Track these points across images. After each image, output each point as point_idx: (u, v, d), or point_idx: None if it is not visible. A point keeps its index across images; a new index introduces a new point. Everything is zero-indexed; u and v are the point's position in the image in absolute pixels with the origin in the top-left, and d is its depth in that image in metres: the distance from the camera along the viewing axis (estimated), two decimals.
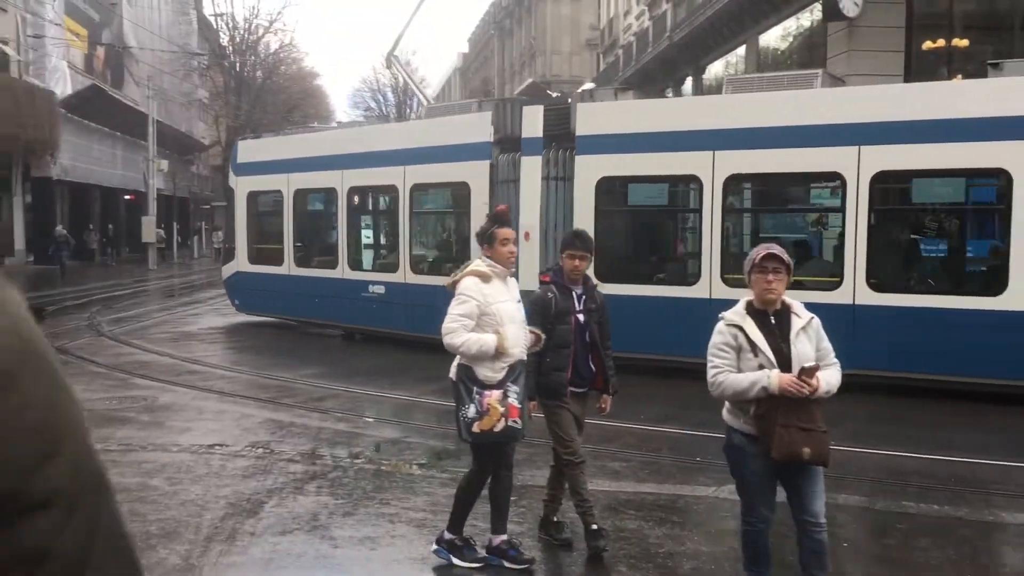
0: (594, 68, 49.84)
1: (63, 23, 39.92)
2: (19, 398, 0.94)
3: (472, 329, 4.88)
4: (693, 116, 11.92)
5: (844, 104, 10.73)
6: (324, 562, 5.09)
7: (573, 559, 5.27)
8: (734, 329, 4.23)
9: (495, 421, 4.79)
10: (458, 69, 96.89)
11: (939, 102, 10.26)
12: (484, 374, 4.87)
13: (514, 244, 5.09)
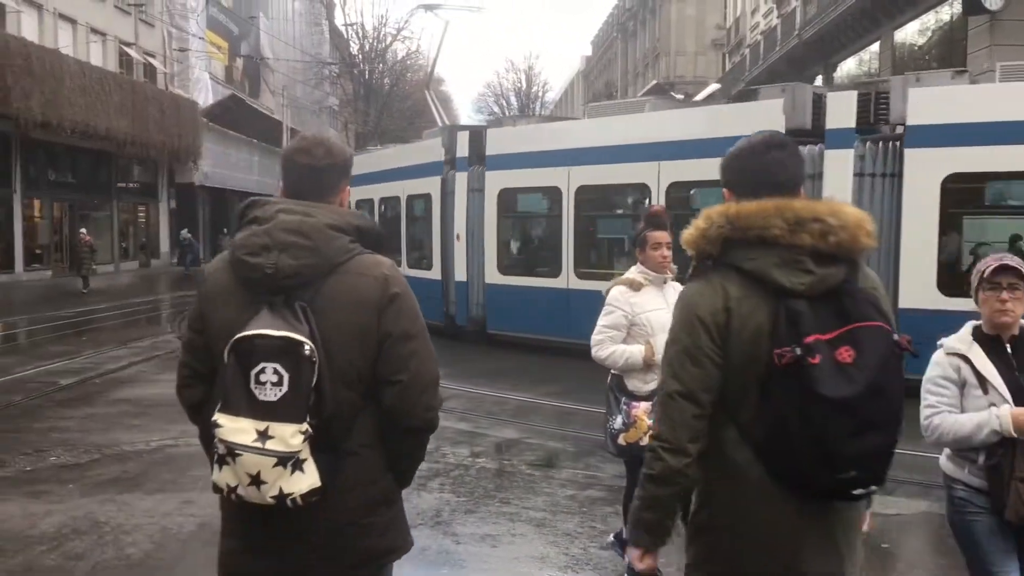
0: (719, 68, 49.03)
1: (205, 37, 41.99)
2: (412, 299, 2.46)
3: (624, 339, 4.73)
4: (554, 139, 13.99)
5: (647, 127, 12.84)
6: (447, 557, 5.22)
7: None
8: (956, 360, 3.43)
9: (641, 434, 4.53)
10: (581, 72, 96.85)
11: (705, 125, 11.82)
12: (634, 384, 4.72)
13: (668, 248, 4.73)
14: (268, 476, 2.26)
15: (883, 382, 2.17)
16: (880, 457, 2.23)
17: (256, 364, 2.26)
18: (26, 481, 6.79)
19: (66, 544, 5.32)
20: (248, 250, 2.40)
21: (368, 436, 2.47)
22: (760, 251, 2.26)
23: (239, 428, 2.26)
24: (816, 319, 2.19)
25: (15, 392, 10.53)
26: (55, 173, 31.37)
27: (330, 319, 2.36)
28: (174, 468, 7.16)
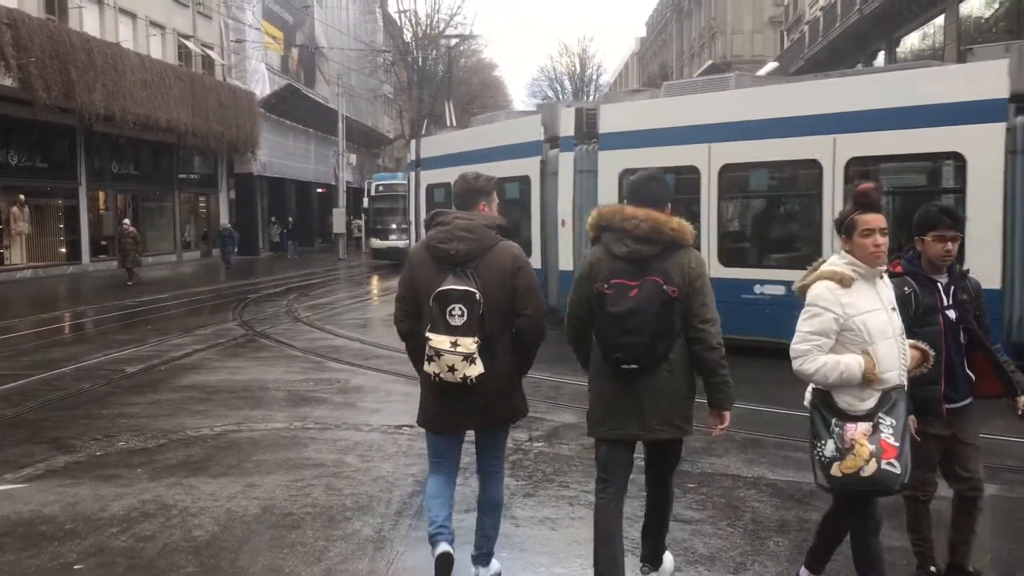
0: (777, 47, 48.15)
1: (261, 27, 42.46)
2: (530, 267, 4.23)
3: (832, 348, 3.92)
4: (693, 113, 12.69)
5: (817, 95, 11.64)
6: (506, 540, 5.23)
7: None
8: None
9: (862, 462, 3.76)
10: (635, 54, 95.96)
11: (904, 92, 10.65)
12: (847, 402, 3.88)
13: (882, 235, 3.91)
14: (458, 366, 4.12)
15: (643, 308, 3.97)
16: (633, 348, 4.02)
17: (449, 305, 4.11)
18: (97, 465, 6.97)
19: (136, 526, 5.44)
20: (438, 240, 4.25)
21: (507, 347, 4.34)
22: (607, 234, 4.19)
23: (441, 340, 4.12)
24: (626, 272, 4.05)
25: (84, 379, 10.81)
26: (118, 165, 32.09)
27: (486, 279, 4.21)
28: (237, 453, 7.29)
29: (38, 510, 5.78)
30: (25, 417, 8.83)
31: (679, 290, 4.00)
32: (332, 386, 10.26)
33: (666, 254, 4.03)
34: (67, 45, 25.29)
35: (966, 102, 10.10)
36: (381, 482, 6.35)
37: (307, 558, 4.92)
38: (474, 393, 4.19)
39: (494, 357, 4.23)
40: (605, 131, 13.48)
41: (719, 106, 12.52)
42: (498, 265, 4.22)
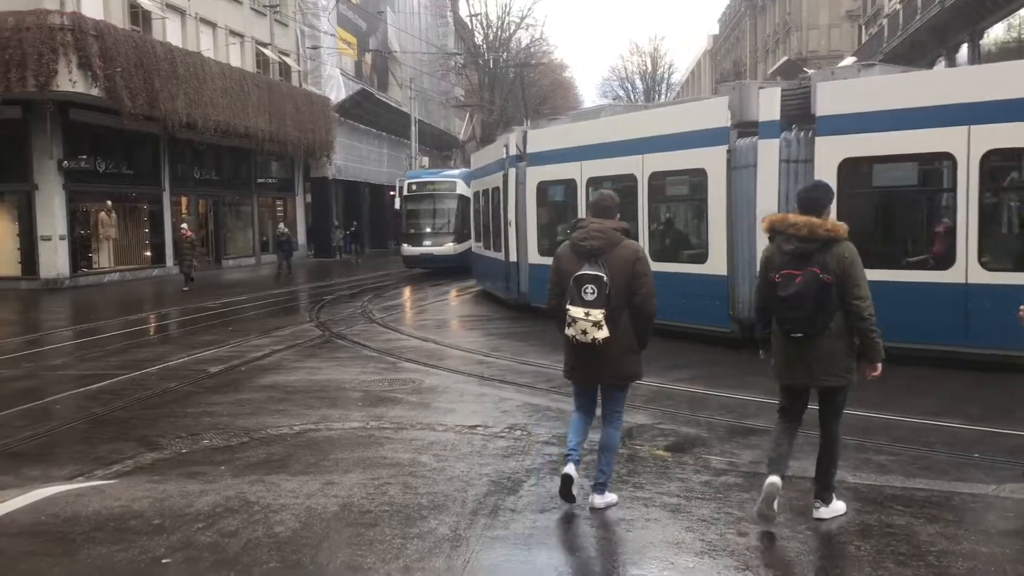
0: (855, 41, 47.09)
1: (336, 34, 43.17)
2: (646, 259, 5.66)
3: None
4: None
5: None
6: (581, 540, 5.24)
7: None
8: None
9: None
10: (708, 51, 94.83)
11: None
12: None
13: None
14: (589, 331, 5.46)
15: (804, 292, 5.13)
16: (797, 322, 5.24)
17: (583, 285, 5.48)
18: (183, 462, 7.19)
19: (220, 522, 5.60)
20: (579, 239, 5.66)
21: (627, 320, 5.61)
22: (778, 235, 5.39)
23: (577, 311, 5.49)
24: (792, 263, 5.25)
25: (170, 379, 11.16)
26: (199, 171, 33.00)
27: (612, 266, 5.53)
28: (316, 451, 7.44)
29: (128, 505, 5.99)
30: (115, 415, 9.16)
31: (834, 276, 5.16)
32: (407, 386, 10.38)
33: (825, 248, 5.18)
34: (151, 55, 26.11)
35: (707, 130, 12.99)
36: (456, 481, 6.41)
37: (385, 555, 5.00)
38: (600, 354, 5.53)
39: (617, 327, 5.53)
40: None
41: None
42: (622, 258, 5.57)
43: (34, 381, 11.52)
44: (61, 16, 23.47)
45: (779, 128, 12.05)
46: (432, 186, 31.20)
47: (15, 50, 22.65)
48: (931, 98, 10.88)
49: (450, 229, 30.03)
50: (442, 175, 32.44)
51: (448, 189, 30.63)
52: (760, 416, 8.47)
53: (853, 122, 11.22)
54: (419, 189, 31.23)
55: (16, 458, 7.51)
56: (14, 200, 26.11)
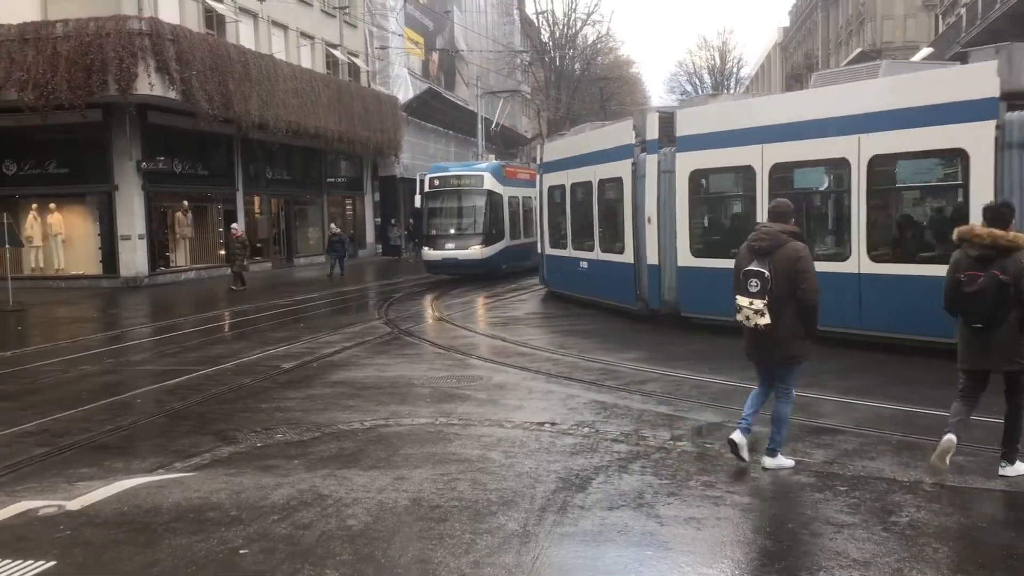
0: (931, 31, 45.85)
1: (404, 34, 43.59)
2: (808, 258, 6.46)
3: None
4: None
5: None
6: (650, 539, 5.22)
7: None
8: None
9: None
10: (778, 44, 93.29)
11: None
12: None
13: None
14: (751, 317, 6.39)
15: (984, 290, 6.05)
16: (979, 315, 6.13)
17: (749, 278, 6.40)
18: (257, 456, 7.36)
19: (295, 514, 5.72)
20: (752, 240, 6.51)
21: (791, 310, 6.37)
22: (965, 243, 6.29)
23: (743, 300, 6.45)
24: (976, 266, 6.14)
25: (244, 375, 11.42)
26: (271, 171, 33.62)
27: (777, 264, 6.33)
28: (386, 447, 7.54)
29: (206, 497, 6.16)
30: (192, 410, 9.41)
31: (1012, 278, 5.99)
32: (475, 383, 10.45)
33: (1004, 255, 6.03)
34: (225, 58, 26.69)
35: (624, 145, 15.69)
36: (524, 478, 6.44)
37: (455, 550, 5.05)
38: (768, 338, 6.44)
39: (780, 316, 6.36)
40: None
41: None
42: (786, 256, 6.36)
43: (116, 376, 11.90)
44: (139, 21, 24.14)
45: (657, 146, 14.68)
46: (457, 181, 27.44)
47: (96, 55, 23.37)
48: (742, 122, 13.30)
49: (477, 229, 26.66)
50: (469, 168, 29.22)
51: (475, 184, 27.07)
52: (834, 416, 8.33)
53: (699, 141, 13.85)
54: (442, 184, 27.52)
55: (100, 451, 7.77)
56: (95, 201, 26.94)
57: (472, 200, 27.01)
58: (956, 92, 10.87)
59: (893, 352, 11.21)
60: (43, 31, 23.89)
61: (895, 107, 11.40)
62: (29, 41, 23.75)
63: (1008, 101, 10.44)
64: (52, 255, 27.30)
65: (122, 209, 26.23)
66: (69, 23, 23.78)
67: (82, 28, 23.64)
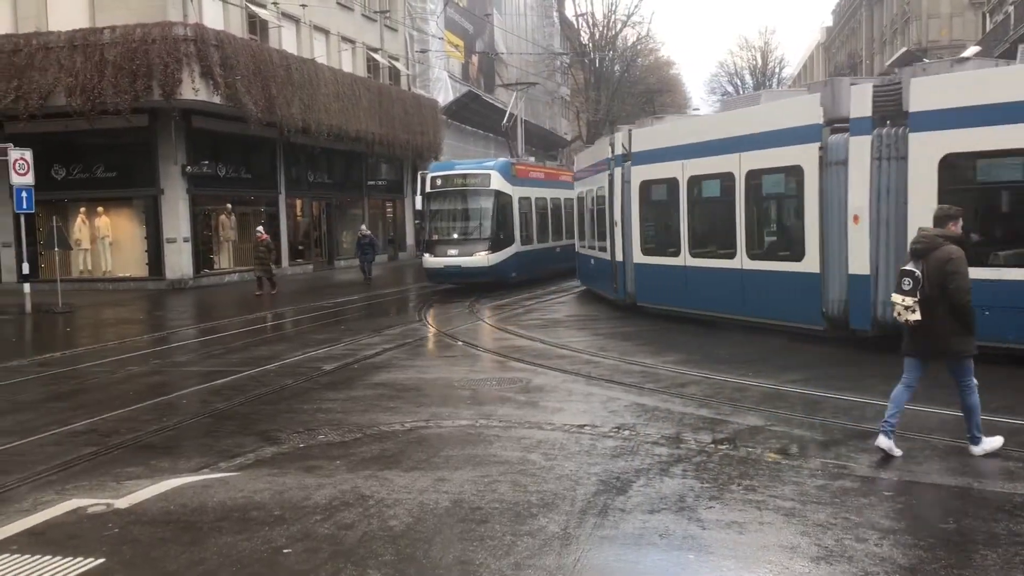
0: (978, 30, 45.06)
1: (444, 37, 43.77)
2: (961, 260, 6.84)
3: None
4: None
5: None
6: (692, 542, 5.19)
7: None
8: None
9: None
10: (821, 44, 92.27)
11: None
12: None
13: None
14: (903, 313, 6.89)
15: None
16: None
17: (903, 277, 6.94)
18: (300, 457, 7.44)
19: (337, 515, 5.78)
20: (912, 243, 7.19)
21: (945, 306, 6.75)
22: None
23: (896, 297, 6.96)
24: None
25: (287, 376, 11.54)
26: (313, 174, 33.92)
27: (930, 264, 6.82)
28: (427, 448, 7.58)
29: (250, 497, 6.24)
30: (236, 410, 9.53)
31: None
32: (515, 385, 10.46)
33: None
34: (268, 63, 27.01)
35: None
36: (565, 480, 6.44)
37: (496, 551, 5.06)
38: (921, 333, 6.86)
39: (933, 313, 6.75)
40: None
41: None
42: (938, 259, 6.80)
43: (161, 377, 12.10)
44: (184, 27, 24.51)
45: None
46: (462, 180, 24.60)
47: (142, 61, 23.78)
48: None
49: (483, 234, 23.84)
50: (474, 166, 26.23)
51: (481, 184, 24.22)
52: (878, 419, 8.21)
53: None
54: (445, 184, 24.65)
55: (146, 450, 7.90)
56: (142, 204, 27.39)
57: (478, 201, 24.21)
58: (796, 119, 12.82)
59: None
60: (91, 38, 24.38)
61: (761, 130, 13.52)
62: (78, 48, 24.25)
63: (832, 126, 12.31)
64: (100, 258, 27.80)
65: (168, 212, 26.64)
66: (116, 29, 24.24)
67: (129, 34, 24.07)
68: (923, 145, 11.18)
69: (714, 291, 14.85)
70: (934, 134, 11.08)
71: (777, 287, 13.37)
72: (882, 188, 11.69)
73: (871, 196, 11.75)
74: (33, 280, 21.80)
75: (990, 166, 11.00)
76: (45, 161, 23.93)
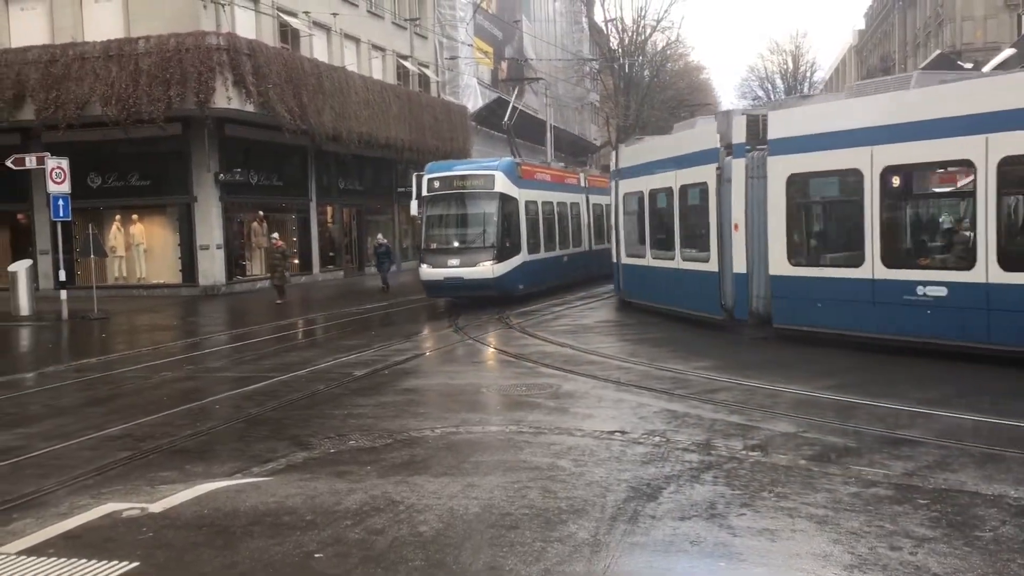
0: (1013, 32, 44.44)
1: (473, 44, 43.92)
2: None
3: None
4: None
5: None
6: (723, 550, 5.16)
7: None
8: None
9: None
10: (853, 47, 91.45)
11: None
12: None
13: None
14: None
15: None
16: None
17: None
18: (331, 462, 7.48)
19: (367, 520, 5.80)
20: None
21: None
22: None
23: None
24: None
25: (318, 382, 11.62)
26: (343, 181, 34.14)
27: None
28: (457, 454, 7.60)
29: (282, 501, 6.28)
30: (268, 416, 9.61)
31: None
32: (545, 391, 10.45)
33: None
34: (300, 71, 27.27)
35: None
36: (595, 487, 6.42)
37: (526, 558, 5.06)
38: None
39: None
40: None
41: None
42: None
43: (195, 382, 12.23)
44: (217, 37, 24.83)
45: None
46: (462, 182, 22.02)
47: (175, 70, 24.12)
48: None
49: (488, 242, 21.27)
50: (476, 166, 23.61)
51: (484, 186, 21.65)
52: (913, 426, 8.12)
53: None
54: (444, 186, 22.01)
55: (180, 455, 7.99)
56: (175, 212, 27.74)
57: (481, 205, 21.71)
58: (705, 143, 15.27)
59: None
60: (126, 48, 24.77)
61: (685, 152, 16.30)
62: (113, 57, 24.66)
63: (727, 149, 14.59)
64: (134, 264, 28.19)
65: (201, 220, 26.95)
66: (151, 39, 24.61)
67: (163, 44, 24.42)
68: (776, 166, 13.70)
69: (659, 286, 18.10)
70: (783, 157, 13.59)
71: (697, 283, 15.96)
72: (753, 201, 14.11)
73: (746, 208, 14.22)
74: (69, 287, 22.14)
75: (818, 184, 13.79)
76: (81, 169, 24.25)
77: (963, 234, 11.75)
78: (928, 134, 11.51)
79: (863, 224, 12.38)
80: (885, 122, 12.05)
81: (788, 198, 13.42)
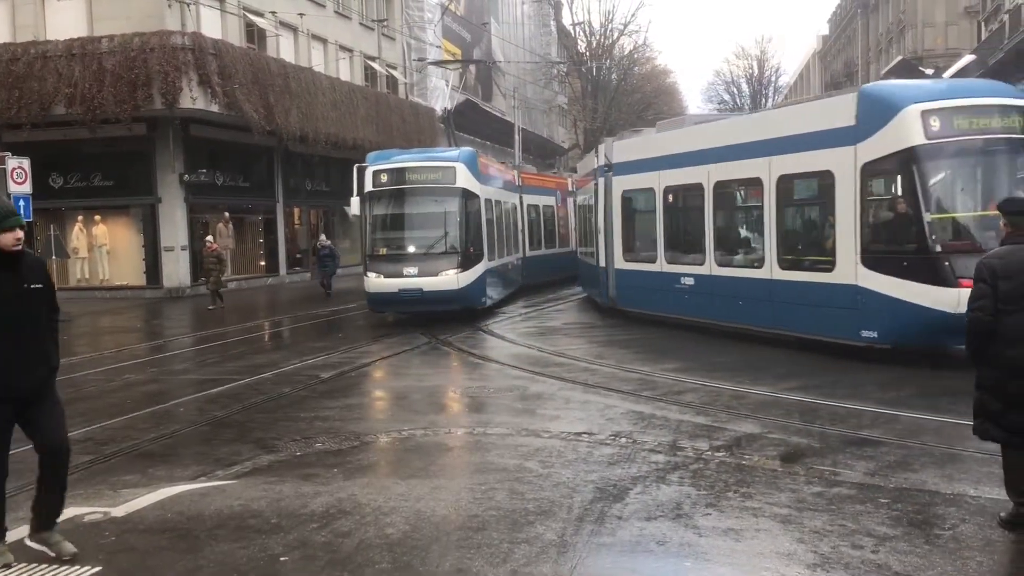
0: (973, 38, 45.22)
1: (441, 46, 43.84)
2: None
3: None
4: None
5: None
6: (689, 549, 5.20)
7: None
8: None
9: None
10: (817, 53, 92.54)
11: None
12: None
13: None
14: None
15: None
16: None
17: None
18: (297, 464, 7.44)
19: (334, 522, 5.78)
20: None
21: None
22: None
23: None
24: None
25: (284, 384, 11.54)
26: (311, 182, 33.93)
27: None
28: (423, 456, 7.58)
29: (247, 505, 6.23)
30: (233, 418, 9.53)
31: None
32: (512, 393, 10.47)
33: None
34: (266, 71, 27.06)
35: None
36: (562, 488, 6.44)
37: (493, 559, 5.06)
38: None
39: None
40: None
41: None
42: None
43: (159, 385, 12.09)
44: (183, 36, 24.56)
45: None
46: (416, 176, 18.42)
47: (141, 70, 23.82)
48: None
49: (450, 246, 18.05)
50: (431, 157, 19.57)
51: (444, 180, 18.28)
52: (875, 427, 8.23)
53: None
54: (393, 181, 18.31)
55: (144, 458, 7.90)
56: (139, 213, 27.40)
57: (440, 203, 18.26)
58: (598, 161, 19.06)
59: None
60: (89, 47, 24.42)
61: (602, 164, 18.83)
62: (76, 57, 24.28)
63: (609, 167, 18.14)
64: (97, 266, 27.80)
65: (165, 221, 26.66)
66: (115, 39, 24.29)
67: (127, 43, 24.12)
68: (615, 185, 17.87)
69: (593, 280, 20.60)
70: (619, 177, 17.75)
71: (594, 276, 19.71)
72: (607, 212, 18.21)
73: (603, 217, 18.53)
74: None
75: (638, 199, 17.31)
76: (42, 169, 23.87)
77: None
78: (681, 164, 15.51)
79: (655, 231, 16.39)
80: (666, 153, 16.06)
81: (622, 210, 17.67)
